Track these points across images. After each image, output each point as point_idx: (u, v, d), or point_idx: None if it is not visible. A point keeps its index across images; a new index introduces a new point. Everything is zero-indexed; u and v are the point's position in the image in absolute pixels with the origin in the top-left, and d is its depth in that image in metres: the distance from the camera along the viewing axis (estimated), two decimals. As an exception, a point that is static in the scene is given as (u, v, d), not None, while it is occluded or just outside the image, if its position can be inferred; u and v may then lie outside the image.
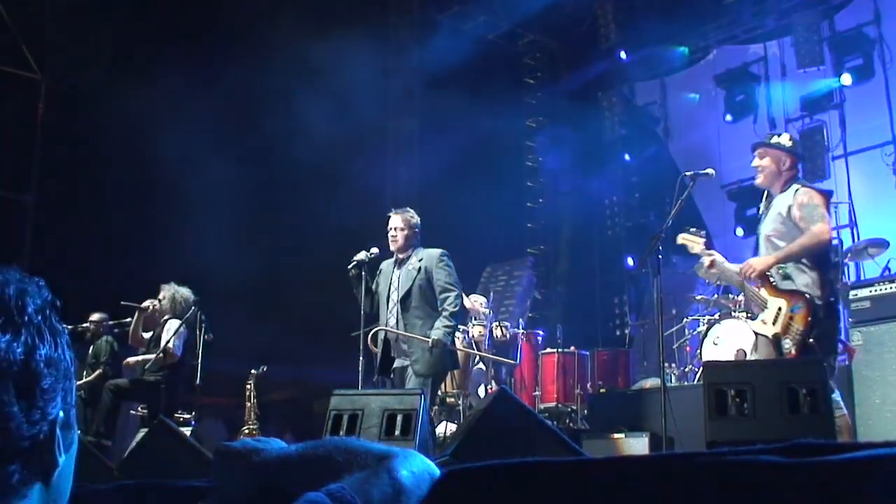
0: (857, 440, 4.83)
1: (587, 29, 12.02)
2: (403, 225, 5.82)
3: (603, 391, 7.87)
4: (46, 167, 9.26)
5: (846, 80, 9.64)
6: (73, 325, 7.47)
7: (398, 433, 4.24)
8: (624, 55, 11.57)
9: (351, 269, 5.87)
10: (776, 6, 10.32)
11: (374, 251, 5.93)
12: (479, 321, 8.10)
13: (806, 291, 4.51)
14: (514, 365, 8.15)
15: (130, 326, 7.40)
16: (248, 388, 7.81)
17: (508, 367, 8.16)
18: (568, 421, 8.05)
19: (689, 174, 5.01)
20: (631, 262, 11.47)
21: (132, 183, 9.00)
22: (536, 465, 0.86)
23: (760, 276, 4.59)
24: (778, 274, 4.65)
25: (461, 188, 10.31)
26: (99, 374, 7.61)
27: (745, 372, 4.21)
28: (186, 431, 5.62)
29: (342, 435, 4.24)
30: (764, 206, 4.96)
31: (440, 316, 5.65)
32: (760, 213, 4.98)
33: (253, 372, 7.84)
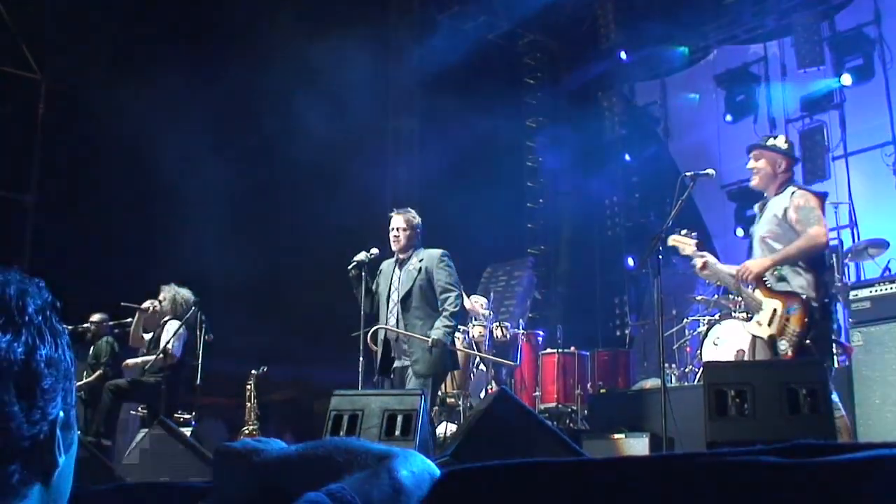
0: (857, 440, 4.83)
1: (587, 29, 12.02)
2: (406, 225, 5.82)
3: (603, 391, 7.87)
4: (46, 167, 9.25)
5: (846, 80, 9.64)
6: (73, 325, 7.48)
7: (398, 433, 4.24)
8: (624, 55, 11.57)
9: (351, 269, 5.86)
10: (776, 6, 10.31)
11: (374, 252, 5.92)
12: (478, 322, 8.10)
13: (802, 293, 4.51)
14: (514, 365, 8.15)
15: (131, 327, 7.41)
16: (248, 388, 7.81)
17: (509, 367, 8.16)
18: (568, 421, 8.05)
19: (689, 174, 5.00)
20: (631, 262, 11.47)
21: (132, 183, 8.99)
22: (537, 465, 0.86)
23: (757, 278, 4.59)
24: (772, 276, 4.64)
25: (461, 188, 10.30)
26: (99, 374, 7.61)
27: (745, 372, 4.21)
28: (187, 432, 5.62)
29: (342, 435, 4.24)
30: (759, 207, 4.96)
31: (440, 316, 5.65)
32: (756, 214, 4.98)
33: (253, 372, 7.85)
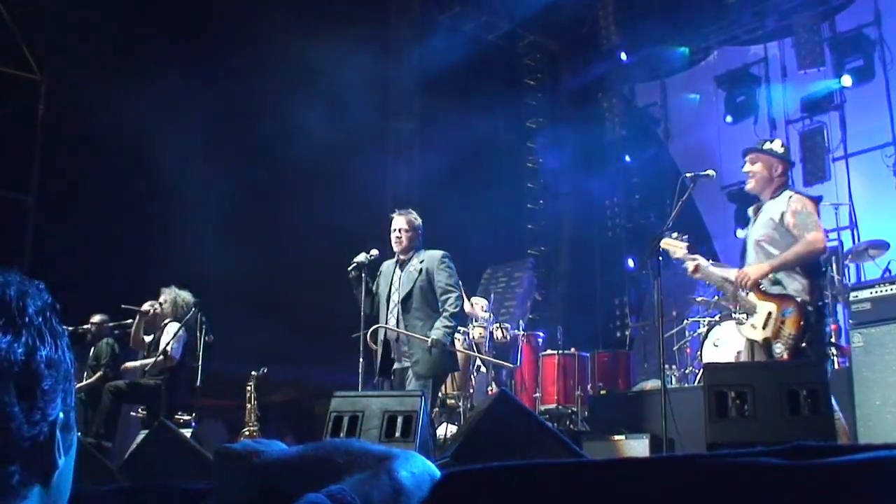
0: (857, 442, 4.82)
1: (588, 30, 12.02)
2: (407, 226, 5.82)
3: (603, 393, 7.87)
4: (46, 167, 9.25)
5: (846, 81, 9.64)
6: (73, 326, 7.47)
7: (398, 435, 4.23)
8: (624, 56, 11.57)
9: (351, 270, 5.86)
10: (776, 7, 10.32)
11: (374, 253, 5.92)
12: (478, 323, 8.10)
13: (797, 296, 4.52)
14: (514, 367, 8.15)
15: (132, 329, 7.40)
16: (248, 389, 7.81)
17: (509, 368, 8.16)
18: (568, 423, 8.04)
19: (689, 175, 5.00)
20: (631, 263, 11.47)
21: (132, 183, 8.99)
22: (537, 467, 0.86)
23: (755, 284, 4.59)
24: (767, 279, 4.66)
25: (461, 189, 10.30)
26: (99, 375, 7.61)
27: (745, 374, 4.21)
28: (187, 433, 5.62)
29: (343, 436, 4.23)
30: (753, 210, 4.96)
31: (440, 316, 5.65)
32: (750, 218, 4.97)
33: (253, 373, 7.85)
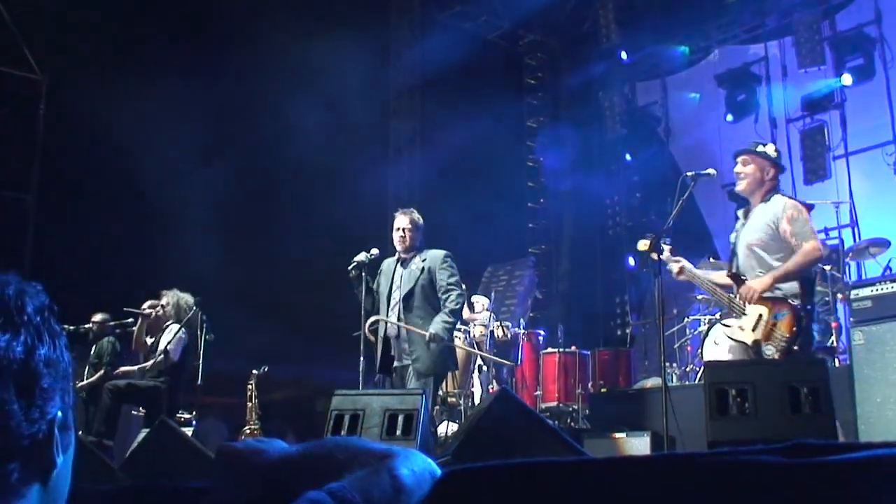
0: (857, 440, 4.83)
1: (588, 29, 12.03)
2: (411, 225, 5.84)
3: (604, 391, 7.86)
4: (46, 167, 9.25)
5: (847, 79, 9.64)
6: (75, 325, 7.47)
7: (399, 433, 4.23)
8: (625, 55, 11.57)
9: (351, 269, 5.86)
10: (777, 6, 10.31)
11: (374, 252, 5.92)
12: (479, 323, 8.10)
13: (791, 299, 4.53)
14: (515, 365, 8.15)
15: (134, 331, 7.39)
16: (249, 387, 7.81)
17: (510, 366, 8.16)
18: (569, 420, 8.05)
19: (690, 174, 5.00)
20: (632, 261, 11.47)
21: (132, 182, 8.99)
22: (538, 465, 0.85)
23: (761, 297, 4.58)
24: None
25: (462, 188, 10.31)
26: (101, 374, 7.61)
27: (746, 371, 4.20)
28: (188, 431, 5.62)
29: (343, 435, 4.24)
30: (743, 213, 4.95)
31: (441, 312, 5.66)
32: (740, 220, 4.98)
33: (254, 372, 7.85)
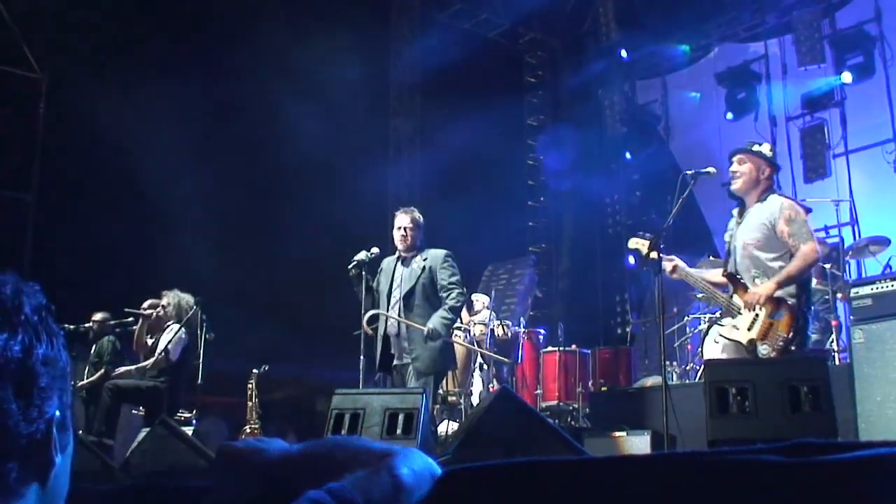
0: (858, 438, 4.82)
1: (588, 27, 12.03)
2: (412, 224, 5.85)
3: (604, 389, 7.86)
4: (46, 167, 9.25)
5: (847, 77, 9.63)
6: (75, 324, 7.47)
7: (400, 432, 4.23)
8: (625, 53, 11.57)
9: (351, 269, 5.86)
10: (777, 4, 10.31)
11: (374, 251, 5.92)
12: (479, 321, 8.10)
13: (789, 299, 4.54)
14: (515, 363, 8.15)
15: (135, 331, 7.40)
16: (249, 387, 7.81)
17: (510, 365, 8.16)
18: (569, 419, 8.05)
19: (690, 173, 4.99)
20: (632, 260, 11.45)
21: (132, 182, 8.99)
22: (538, 464, 0.85)
23: (767, 302, 4.58)
24: (752, 283, 4.67)
25: (462, 187, 10.30)
26: (101, 374, 7.61)
27: (746, 370, 4.20)
28: (188, 431, 5.62)
29: (344, 434, 4.24)
30: (738, 212, 4.95)
31: (440, 309, 5.67)
32: (734, 219, 4.97)
33: (254, 371, 7.85)
